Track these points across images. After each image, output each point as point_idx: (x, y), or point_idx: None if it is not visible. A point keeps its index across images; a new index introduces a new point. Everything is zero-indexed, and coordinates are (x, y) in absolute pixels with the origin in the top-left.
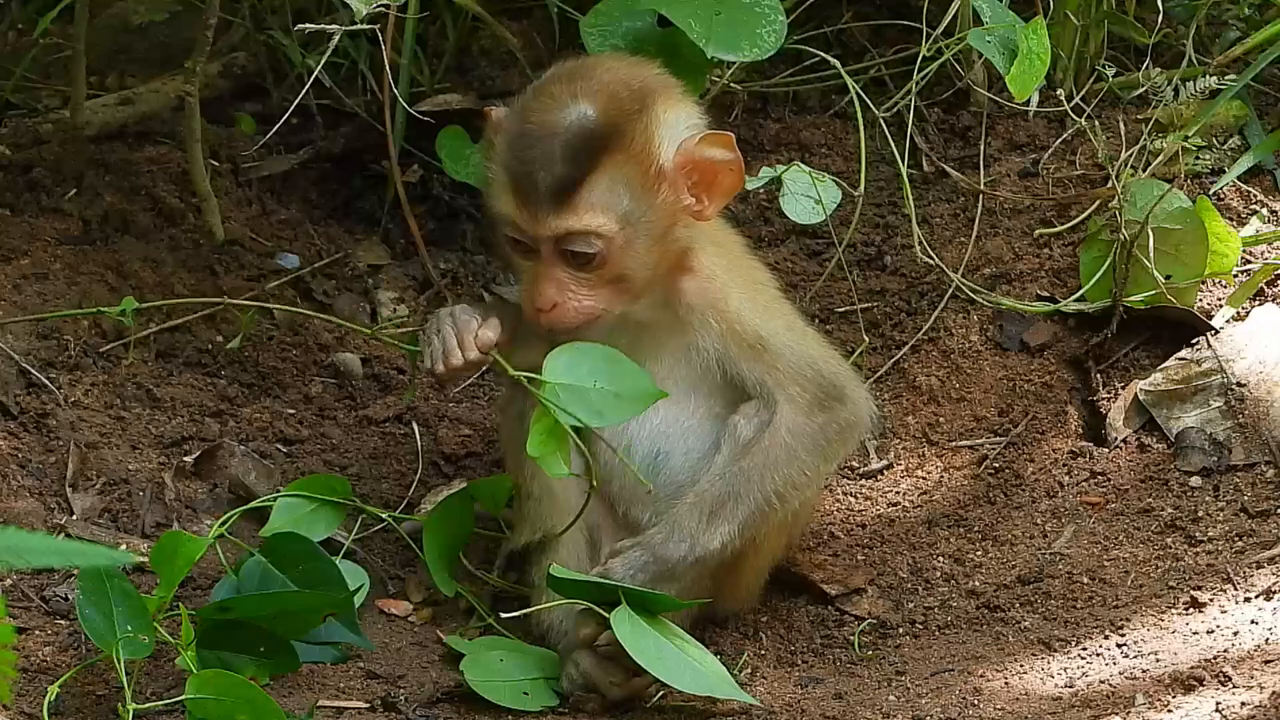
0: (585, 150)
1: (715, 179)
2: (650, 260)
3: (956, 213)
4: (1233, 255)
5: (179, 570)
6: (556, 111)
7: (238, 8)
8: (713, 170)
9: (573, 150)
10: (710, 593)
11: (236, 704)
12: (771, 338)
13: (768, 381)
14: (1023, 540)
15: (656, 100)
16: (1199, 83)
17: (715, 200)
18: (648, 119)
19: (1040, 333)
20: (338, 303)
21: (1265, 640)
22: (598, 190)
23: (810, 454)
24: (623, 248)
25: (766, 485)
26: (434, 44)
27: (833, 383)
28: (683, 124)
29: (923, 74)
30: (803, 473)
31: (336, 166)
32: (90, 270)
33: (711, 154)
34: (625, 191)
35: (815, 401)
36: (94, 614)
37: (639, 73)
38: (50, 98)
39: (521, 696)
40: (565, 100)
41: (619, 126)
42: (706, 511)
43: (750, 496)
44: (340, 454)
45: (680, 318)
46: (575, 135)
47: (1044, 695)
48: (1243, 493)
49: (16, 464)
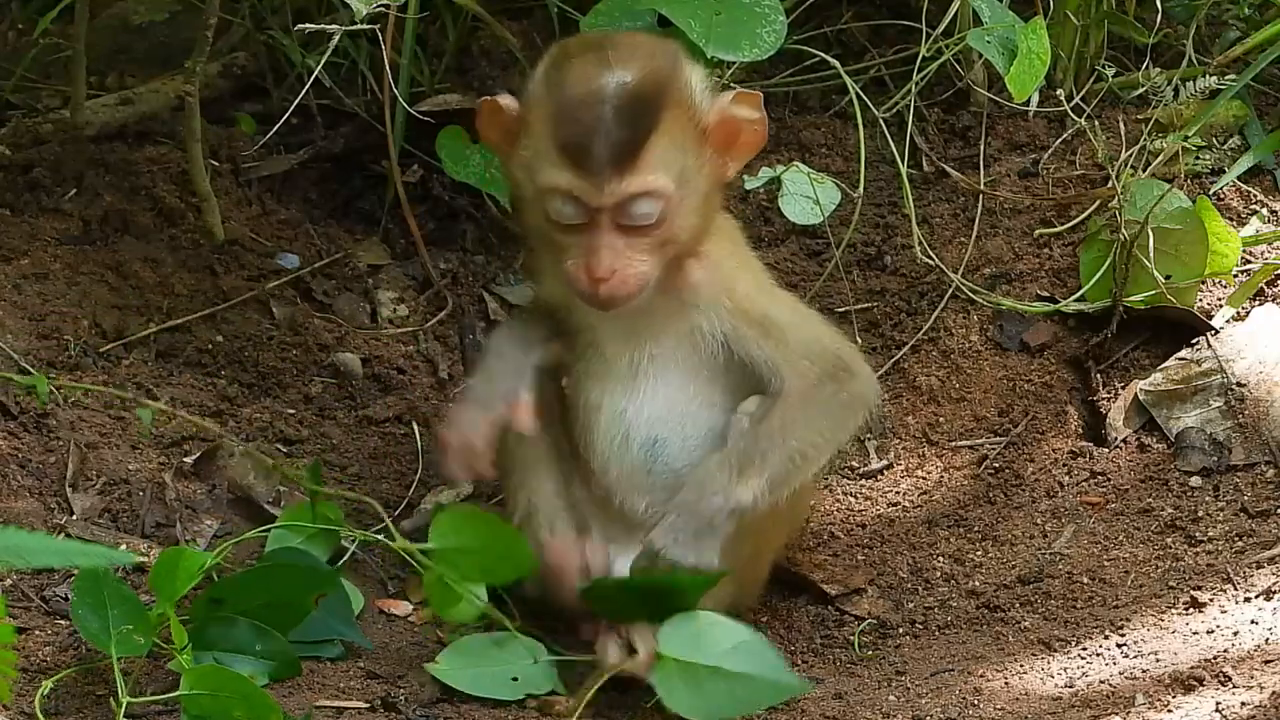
0: (642, 112)
1: (739, 137)
2: (696, 220)
3: (956, 213)
4: (1233, 255)
5: (179, 586)
6: (599, 79)
7: (238, 8)
8: (738, 128)
9: (629, 113)
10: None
11: (232, 700)
12: (779, 317)
13: (776, 359)
14: (1023, 540)
15: (683, 62)
16: (1199, 83)
17: (738, 159)
18: (684, 79)
19: (1040, 333)
20: (338, 303)
21: (1265, 640)
22: (658, 150)
23: (824, 417)
24: (678, 206)
25: (790, 442)
26: (434, 44)
27: (839, 356)
28: (704, 84)
29: (923, 74)
30: (820, 434)
31: (336, 166)
32: (90, 270)
33: (743, 112)
34: (680, 149)
35: (824, 375)
36: (88, 614)
37: (653, 39)
38: (50, 98)
39: (508, 684)
40: (603, 68)
41: (665, 87)
42: (736, 466)
43: (775, 452)
44: (340, 454)
45: (685, 301)
46: (629, 98)
47: (1044, 695)
48: (1243, 493)
49: (16, 464)
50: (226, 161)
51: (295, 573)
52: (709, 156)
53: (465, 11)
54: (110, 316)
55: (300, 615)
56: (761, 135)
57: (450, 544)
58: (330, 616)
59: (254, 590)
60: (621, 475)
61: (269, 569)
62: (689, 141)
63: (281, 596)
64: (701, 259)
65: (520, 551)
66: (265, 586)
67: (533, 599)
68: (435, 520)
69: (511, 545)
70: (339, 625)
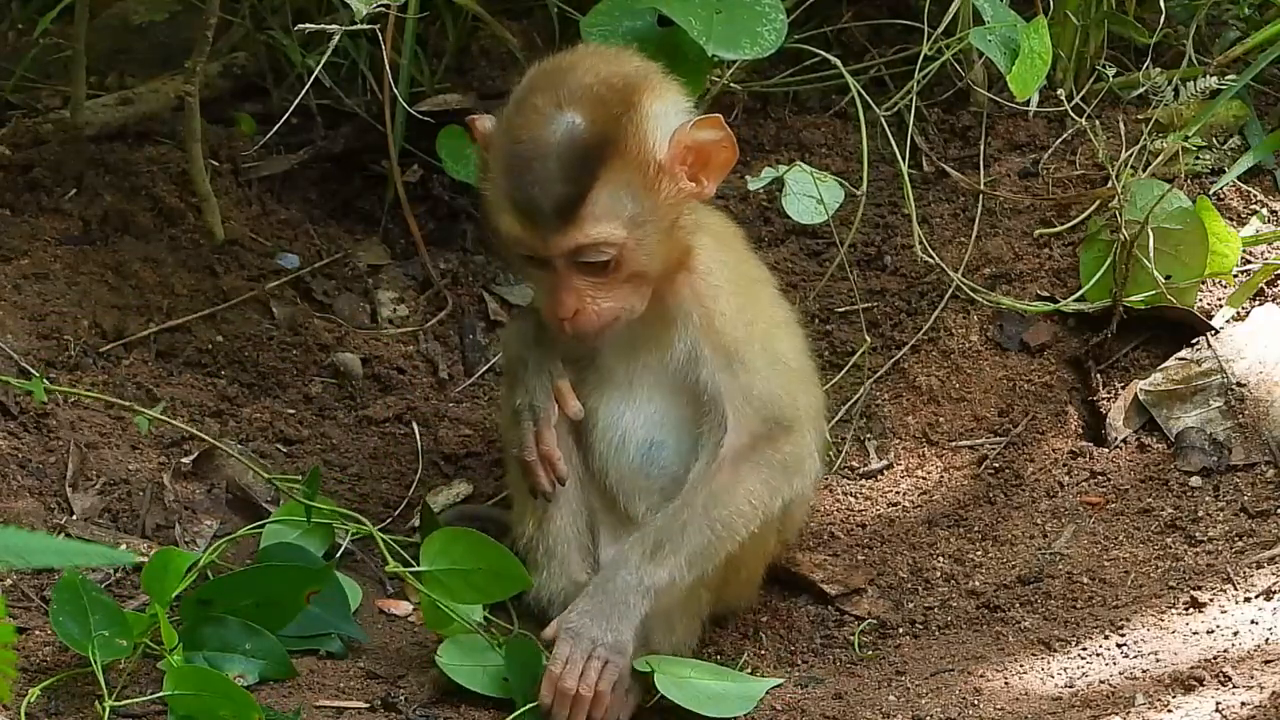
0: (581, 165)
1: (710, 158)
2: (662, 252)
3: (956, 213)
4: (1233, 255)
5: (170, 587)
6: (544, 127)
7: (238, 8)
8: (706, 151)
9: (568, 167)
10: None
11: (216, 700)
12: (745, 350)
13: (723, 397)
14: (1023, 540)
15: (642, 95)
16: (1199, 83)
17: (713, 178)
18: (637, 117)
19: (1040, 333)
20: (338, 303)
21: (1265, 640)
22: (600, 203)
23: (755, 483)
24: (634, 249)
25: (714, 513)
26: (434, 44)
27: (784, 417)
28: (671, 113)
29: (923, 74)
30: (748, 502)
31: (336, 166)
32: (90, 270)
33: (704, 137)
34: (628, 196)
35: (763, 432)
36: (68, 620)
37: (620, 68)
38: (50, 98)
39: (502, 684)
40: (551, 112)
41: (610, 133)
42: (651, 545)
43: (695, 527)
44: (340, 454)
45: (670, 315)
46: (568, 150)
47: (1044, 695)
48: (1243, 493)
49: (16, 464)
50: (226, 161)
51: (286, 572)
52: (669, 189)
53: (465, 11)
54: (110, 316)
55: (291, 614)
56: (731, 154)
57: (441, 565)
58: (326, 611)
59: (244, 590)
60: (621, 478)
61: (259, 569)
62: (638, 183)
63: (272, 595)
64: (692, 270)
65: (511, 569)
66: (256, 586)
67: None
68: (425, 542)
69: (502, 563)
70: (335, 619)
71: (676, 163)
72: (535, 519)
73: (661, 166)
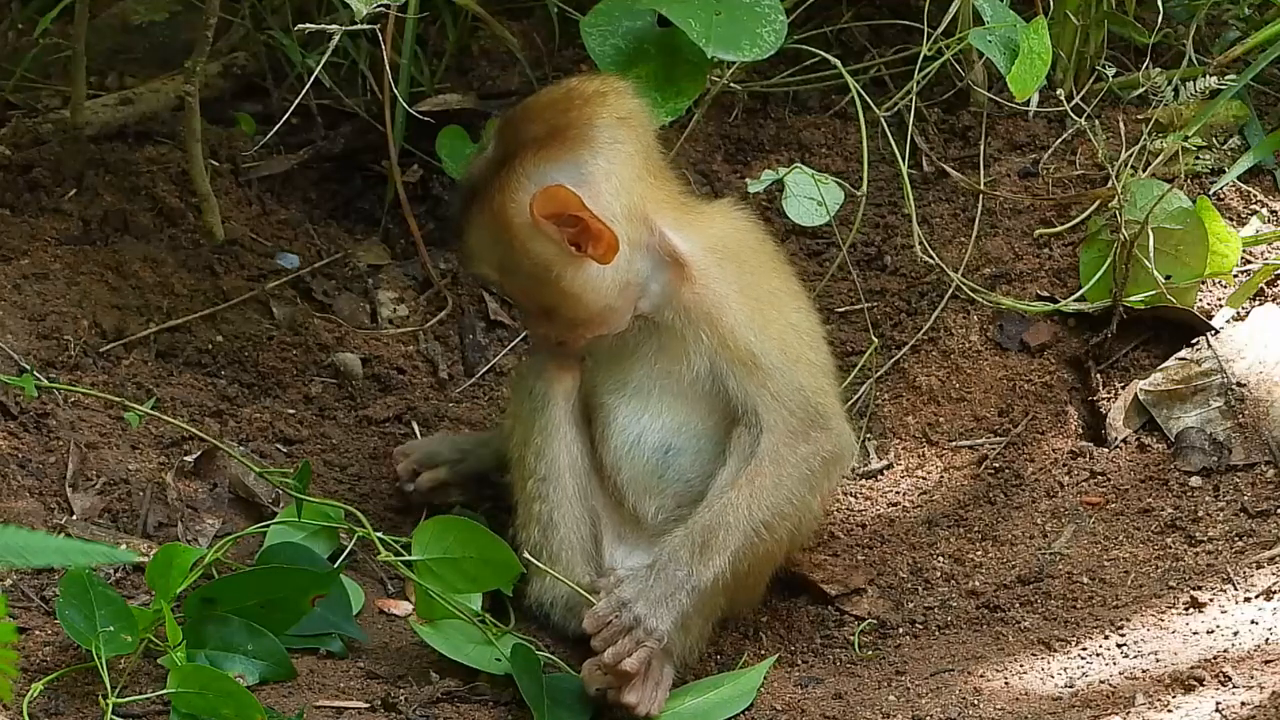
0: (464, 202)
1: (587, 229)
2: (570, 297)
3: (956, 213)
4: (1233, 255)
5: (174, 583)
6: (470, 166)
7: (238, 8)
8: (577, 220)
9: (460, 200)
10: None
11: (218, 699)
12: (763, 357)
13: (754, 402)
14: (1023, 540)
15: (528, 153)
16: (1199, 83)
17: (598, 249)
18: (506, 175)
19: (1040, 333)
20: (338, 303)
21: (1265, 640)
22: (472, 242)
23: (796, 483)
24: (523, 291)
25: (755, 515)
26: (434, 44)
27: (819, 412)
28: (549, 174)
29: (923, 74)
30: (789, 501)
31: (336, 166)
32: (90, 270)
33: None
34: (491, 243)
35: (800, 429)
36: (75, 615)
37: (555, 117)
38: (50, 98)
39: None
40: (478, 155)
41: (482, 182)
42: (699, 544)
43: (739, 527)
44: (340, 454)
45: (676, 325)
46: (463, 185)
47: (1044, 695)
48: (1243, 493)
49: (16, 464)
50: (226, 161)
51: (292, 574)
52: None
53: (465, 11)
54: (110, 316)
55: (296, 616)
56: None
57: (432, 553)
58: (329, 612)
59: (249, 590)
60: (633, 479)
61: (265, 570)
62: (501, 237)
63: (277, 597)
64: (691, 282)
65: (503, 557)
66: (261, 587)
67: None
68: (417, 531)
69: (494, 551)
70: (336, 620)
71: (541, 226)
72: (539, 524)
73: (518, 227)
